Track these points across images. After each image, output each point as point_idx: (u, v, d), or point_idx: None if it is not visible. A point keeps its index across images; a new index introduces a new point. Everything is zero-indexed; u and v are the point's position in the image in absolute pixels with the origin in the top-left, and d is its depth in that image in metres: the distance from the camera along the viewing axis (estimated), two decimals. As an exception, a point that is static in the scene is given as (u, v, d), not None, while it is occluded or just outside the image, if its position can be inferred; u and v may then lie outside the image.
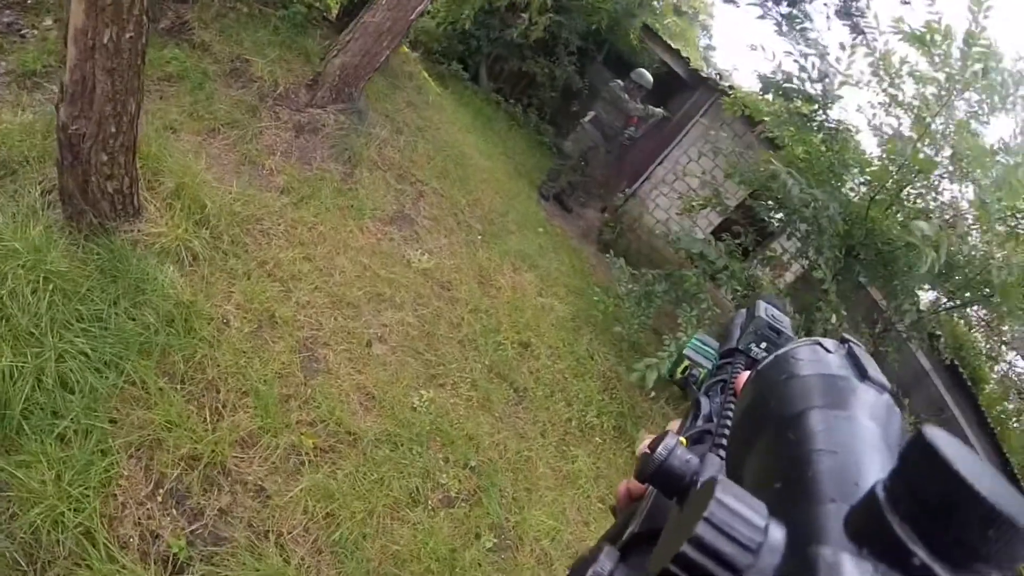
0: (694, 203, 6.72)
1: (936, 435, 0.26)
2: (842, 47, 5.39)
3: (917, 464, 0.26)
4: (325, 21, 7.47)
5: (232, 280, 3.73)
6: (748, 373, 0.59)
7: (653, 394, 5.50)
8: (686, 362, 0.80)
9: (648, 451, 0.43)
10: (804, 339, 0.44)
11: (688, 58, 10.07)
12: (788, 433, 0.36)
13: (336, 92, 5.63)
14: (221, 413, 3.05)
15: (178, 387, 3.01)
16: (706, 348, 0.81)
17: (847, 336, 0.43)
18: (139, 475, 2.68)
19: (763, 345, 0.73)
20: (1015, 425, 9.53)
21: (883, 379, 0.39)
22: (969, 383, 9.18)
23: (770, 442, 0.37)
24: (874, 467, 0.32)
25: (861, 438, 0.34)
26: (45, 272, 2.91)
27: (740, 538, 0.27)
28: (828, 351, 0.41)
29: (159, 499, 2.67)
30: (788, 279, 8.29)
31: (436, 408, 3.93)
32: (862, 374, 0.39)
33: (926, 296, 6.10)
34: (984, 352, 7.05)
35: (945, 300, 5.89)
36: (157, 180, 3.81)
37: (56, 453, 2.48)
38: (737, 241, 6.34)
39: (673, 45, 10.29)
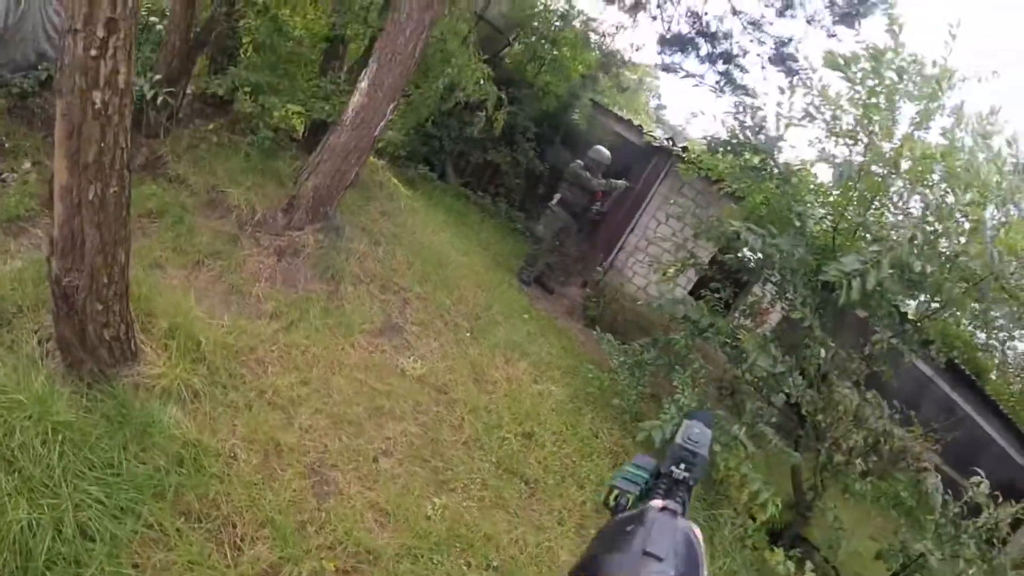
0: (669, 269, 6.88)
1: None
2: (781, 91, 5.59)
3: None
4: (293, 142, 7.74)
5: (235, 413, 3.77)
6: (657, 502, 0.80)
7: (662, 460, 5.51)
8: (616, 491, 0.92)
9: None
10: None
11: (640, 126, 10.47)
12: None
13: (312, 213, 5.79)
14: (240, 547, 3.05)
15: (195, 526, 3.01)
16: (637, 474, 0.94)
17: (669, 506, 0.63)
18: (166, 621, 2.67)
19: (682, 466, 0.87)
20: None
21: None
22: (973, 377, 9.30)
23: None
24: None
25: None
26: (53, 424, 2.92)
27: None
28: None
29: (187, 645, 2.65)
30: (774, 320, 8.44)
31: (450, 514, 3.91)
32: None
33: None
34: (978, 345, 7.05)
35: (928, 305, 5.92)
36: (150, 321, 3.89)
37: (83, 606, 2.47)
38: (717, 296, 6.49)
39: (623, 116, 10.72)
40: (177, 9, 6.26)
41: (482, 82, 7.79)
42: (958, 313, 5.61)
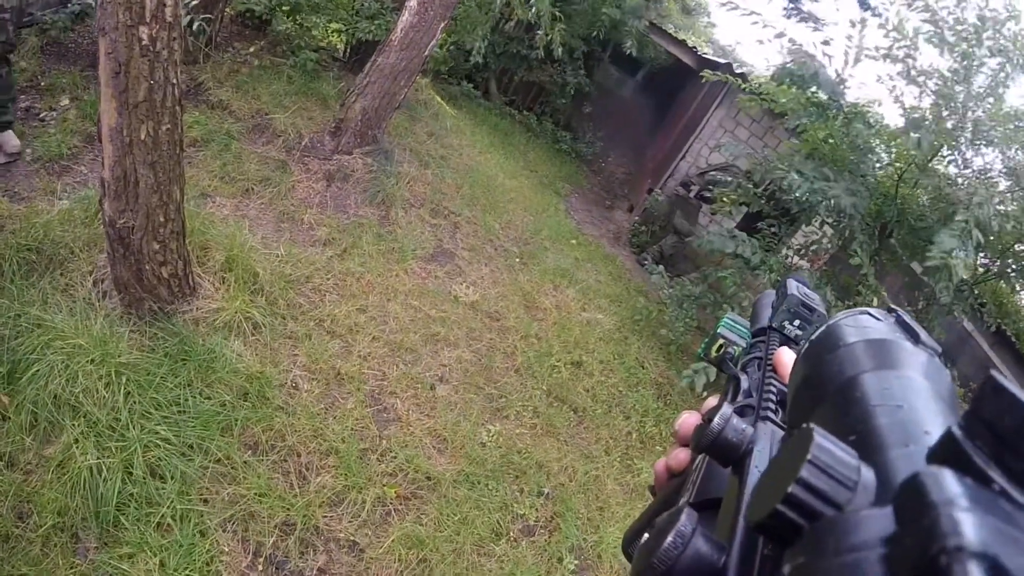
0: (725, 198, 6.68)
1: (1003, 378, 0.28)
2: (852, 24, 5.33)
3: (990, 402, 0.28)
4: (336, 62, 7.58)
5: (295, 343, 3.82)
6: (784, 349, 0.65)
7: (705, 394, 5.52)
8: (721, 341, 0.82)
9: (703, 423, 0.46)
10: (852, 309, 0.45)
11: (695, 47, 10.02)
12: (850, 394, 0.38)
13: (360, 136, 5.72)
14: (306, 476, 3.14)
15: (262, 458, 3.10)
16: (739, 327, 0.83)
17: (894, 306, 0.45)
18: (238, 548, 2.77)
19: (796, 323, 0.74)
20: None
21: (933, 343, 0.42)
22: (1014, 339, 9.09)
23: (833, 405, 0.39)
24: (938, 417, 0.34)
25: (918, 393, 0.37)
26: (115, 366, 2.99)
27: (839, 477, 0.29)
28: (877, 319, 0.44)
29: (259, 568, 2.76)
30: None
31: (504, 440, 4.00)
32: (914, 339, 0.41)
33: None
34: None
35: (983, 268, 5.82)
36: (206, 255, 3.90)
37: (157, 541, 2.58)
38: (772, 230, 6.32)
39: (677, 36, 10.25)
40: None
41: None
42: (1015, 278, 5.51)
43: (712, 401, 0.66)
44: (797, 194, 5.07)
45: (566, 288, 6.12)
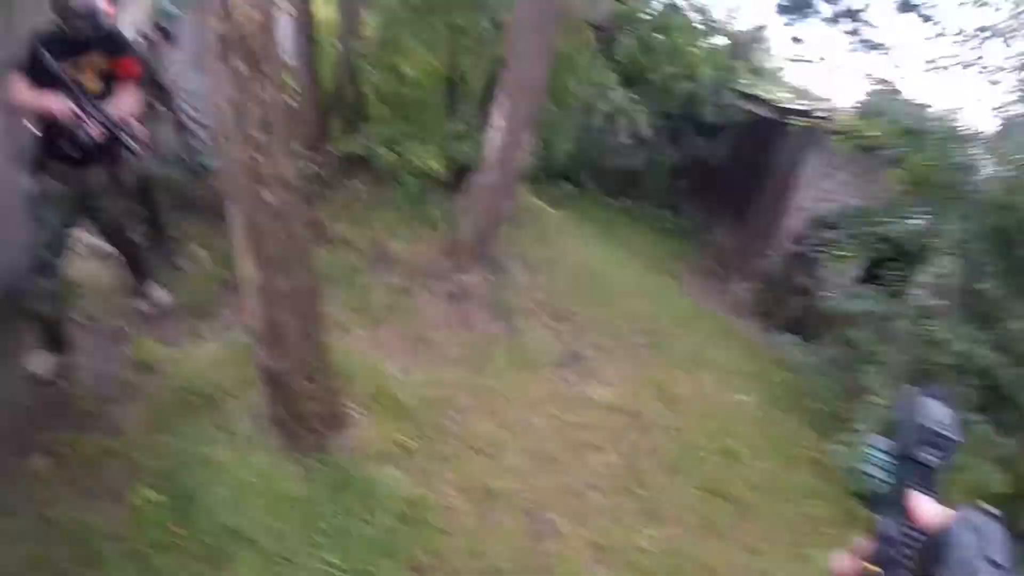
0: (841, 253, 6.46)
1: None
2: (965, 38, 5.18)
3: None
4: (439, 185, 7.93)
5: (444, 464, 3.88)
6: (921, 497, 0.73)
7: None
8: (867, 478, 0.87)
9: None
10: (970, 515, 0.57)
11: (774, 100, 9.87)
12: None
13: (474, 254, 5.93)
14: (472, 600, 3.14)
15: (427, 581, 3.13)
16: (883, 458, 0.86)
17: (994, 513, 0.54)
18: None
19: (931, 450, 0.78)
20: None
21: (1009, 562, 0.52)
22: None
23: None
24: None
25: None
26: (280, 498, 3.15)
27: None
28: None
29: None
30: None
31: (664, 544, 3.86)
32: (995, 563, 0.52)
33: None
34: None
35: None
36: (351, 386, 4.04)
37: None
38: (898, 274, 6.01)
39: (749, 91, 10.17)
40: (306, 84, 7.07)
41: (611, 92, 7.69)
42: None
43: (861, 543, 0.79)
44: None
45: (699, 372, 5.99)
